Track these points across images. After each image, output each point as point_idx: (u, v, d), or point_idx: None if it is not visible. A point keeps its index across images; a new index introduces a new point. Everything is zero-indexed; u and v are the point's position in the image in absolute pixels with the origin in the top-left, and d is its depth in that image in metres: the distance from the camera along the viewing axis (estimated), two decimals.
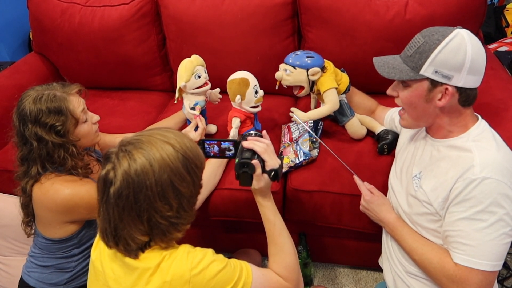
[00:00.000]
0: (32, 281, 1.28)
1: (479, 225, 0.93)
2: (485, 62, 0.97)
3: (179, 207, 0.87)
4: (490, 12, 2.61)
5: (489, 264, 0.93)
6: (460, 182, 0.95)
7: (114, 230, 0.86)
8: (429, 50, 0.95)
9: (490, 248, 0.93)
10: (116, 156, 0.84)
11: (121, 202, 0.83)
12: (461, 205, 0.95)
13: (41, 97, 1.15)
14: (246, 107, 1.43)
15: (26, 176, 1.19)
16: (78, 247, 1.27)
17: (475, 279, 0.94)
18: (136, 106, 1.94)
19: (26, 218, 1.26)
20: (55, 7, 1.89)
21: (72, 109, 1.17)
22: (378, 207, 1.20)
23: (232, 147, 1.12)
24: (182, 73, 1.43)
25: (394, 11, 1.59)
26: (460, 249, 0.96)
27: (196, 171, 0.90)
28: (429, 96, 0.99)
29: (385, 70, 1.03)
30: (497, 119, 1.39)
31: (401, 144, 1.26)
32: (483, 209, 0.92)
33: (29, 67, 2.03)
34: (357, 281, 1.73)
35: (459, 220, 0.96)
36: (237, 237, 1.72)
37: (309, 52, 1.41)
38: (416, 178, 1.09)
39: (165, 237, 0.88)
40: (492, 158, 0.94)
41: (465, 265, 0.95)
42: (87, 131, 1.23)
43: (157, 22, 1.91)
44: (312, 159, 1.45)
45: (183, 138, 0.90)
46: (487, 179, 0.92)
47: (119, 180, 0.82)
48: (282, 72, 1.40)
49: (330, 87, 1.38)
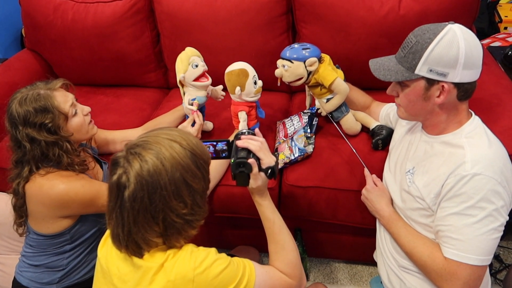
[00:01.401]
0: (25, 280, 1.28)
1: (469, 220, 0.94)
2: (481, 54, 0.97)
3: (193, 204, 0.88)
4: (483, 7, 2.62)
5: (478, 258, 0.95)
6: (452, 178, 0.96)
7: (127, 235, 0.86)
8: (422, 50, 0.95)
9: (479, 243, 0.94)
10: (125, 160, 0.83)
11: (137, 205, 0.82)
12: (452, 200, 0.96)
13: (26, 98, 1.15)
14: (246, 98, 1.41)
15: (18, 177, 1.19)
16: (70, 243, 1.27)
17: (463, 273, 0.96)
18: (131, 103, 1.93)
19: (19, 220, 1.25)
20: (47, 3, 1.88)
21: (58, 105, 1.17)
22: (377, 198, 1.21)
23: (225, 147, 1.11)
24: (179, 65, 1.42)
25: (388, 7, 1.59)
26: (450, 244, 0.97)
27: (205, 166, 0.91)
28: (427, 95, 0.99)
29: (380, 72, 1.04)
30: (490, 114, 1.40)
31: (396, 140, 1.27)
32: (473, 205, 0.94)
33: (21, 64, 2.01)
34: (352, 275, 1.74)
35: (449, 215, 0.97)
36: (235, 234, 1.72)
37: (305, 44, 1.41)
38: (410, 173, 1.11)
39: (180, 236, 0.88)
40: (483, 154, 0.95)
41: (454, 259, 0.96)
42: (79, 124, 1.23)
43: (151, 18, 1.90)
44: (307, 155, 1.46)
45: (188, 135, 0.91)
46: (478, 175, 0.93)
47: (132, 183, 0.81)
48: (281, 69, 1.40)
49: (333, 79, 1.38)
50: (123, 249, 0.89)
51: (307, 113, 1.54)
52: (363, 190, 1.27)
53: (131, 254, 0.89)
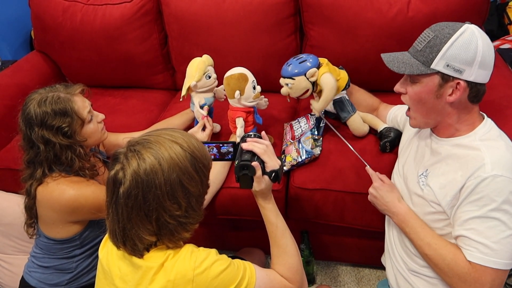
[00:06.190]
0: (33, 281, 1.29)
1: (492, 223, 0.92)
2: (494, 57, 0.96)
3: (188, 207, 0.88)
4: (492, 9, 2.60)
5: (503, 262, 0.92)
6: (472, 181, 0.94)
7: (122, 231, 0.86)
8: (440, 44, 0.94)
9: (504, 246, 0.92)
10: (125, 156, 0.84)
11: (130, 202, 0.83)
12: (474, 204, 0.94)
13: (46, 99, 1.15)
14: (245, 102, 1.41)
15: (31, 178, 1.20)
16: (80, 247, 1.27)
17: (488, 278, 0.93)
18: (138, 104, 1.94)
19: (29, 220, 1.26)
20: (56, 5, 1.89)
21: (77, 110, 1.18)
22: (387, 193, 1.14)
23: (231, 149, 1.11)
24: (193, 72, 1.42)
25: (397, 8, 1.59)
26: (473, 247, 0.94)
27: (204, 170, 0.91)
28: (440, 92, 0.98)
29: (395, 64, 1.01)
30: (500, 116, 1.38)
31: (404, 142, 1.26)
32: (496, 207, 0.91)
33: (31, 66, 2.03)
34: (359, 279, 1.73)
35: (472, 219, 0.94)
36: (240, 235, 1.72)
37: (300, 57, 1.40)
38: (423, 176, 1.08)
39: (173, 237, 0.88)
40: (502, 156, 0.94)
41: (479, 263, 0.93)
42: (93, 131, 1.24)
43: (158, 20, 1.91)
44: (315, 157, 1.45)
45: (190, 138, 0.91)
46: (499, 177, 0.91)
47: (128, 180, 0.82)
48: (285, 88, 1.40)
49: (321, 74, 1.36)
50: (121, 246, 0.89)
51: (314, 115, 1.54)
52: (370, 189, 1.19)
53: (129, 253, 0.89)
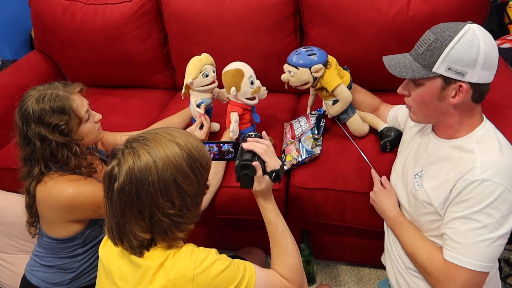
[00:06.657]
0: (35, 280, 1.29)
1: (474, 225, 0.93)
2: (498, 56, 0.96)
3: (182, 206, 0.87)
4: (492, 8, 2.60)
5: (478, 264, 0.93)
6: (461, 183, 0.95)
7: (117, 227, 0.87)
8: (441, 47, 0.93)
9: (481, 248, 0.93)
10: (122, 153, 0.85)
11: (124, 198, 0.84)
12: (459, 205, 0.95)
13: (44, 96, 1.15)
14: (242, 99, 1.40)
15: (29, 177, 1.20)
16: (82, 246, 1.27)
17: (461, 277, 0.94)
18: (138, 104, 1.94)
19: (31, 219, 1.26)
20: (56, 5, 1.89)
21: (75, 108, 1.18)
22: (384, 199, 1.21)
23: (231, 149, 1.11)
24: (191, 70, 1.43)
25: (397, 8, 1.58)
26: (451, 246, 0.96)
27: (201, 170, 0.90)
28: (442, 94, 0.97)
29: (396, 69, 1.00)
30: (500, 116, 1.38)
31: (404, 142, 1.26)
32: (480, 210, 0.92)
33: (31, 65, 2.03)
34: (359, 278, 1.73)
35: (455, 219, 0.96)
36: (240, 235, 1.72)
37: (311, 49, 1.40)
38: (418, 176, 1.09)
39: (167, 236, 0.88)
40: (494, 160, 0.94)
41: (453, 262, 0.95)
42: (90, 130, 1.24)
43: (158, 20, 1.91)
44: (315, 157, 1.45)
45: (189, 137, 0.90)
46: (487, 181, 0.92)
47: (122, 176, 0.83)
48: (287, 74, 1.40)
49: (336, 85, 1.38)
50: (118, 242, 0.89)
51: (315, 114, 1.54)
52: (371, 193, 1.27)
53: (128, 251, 0.89)
